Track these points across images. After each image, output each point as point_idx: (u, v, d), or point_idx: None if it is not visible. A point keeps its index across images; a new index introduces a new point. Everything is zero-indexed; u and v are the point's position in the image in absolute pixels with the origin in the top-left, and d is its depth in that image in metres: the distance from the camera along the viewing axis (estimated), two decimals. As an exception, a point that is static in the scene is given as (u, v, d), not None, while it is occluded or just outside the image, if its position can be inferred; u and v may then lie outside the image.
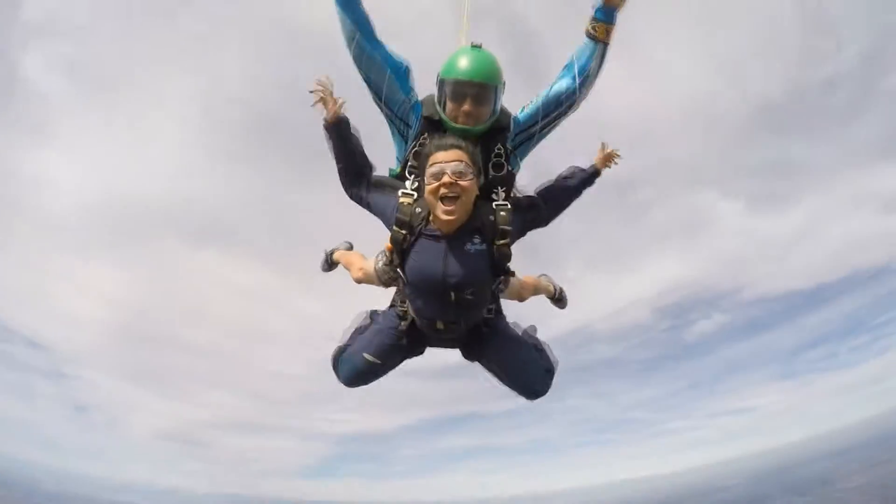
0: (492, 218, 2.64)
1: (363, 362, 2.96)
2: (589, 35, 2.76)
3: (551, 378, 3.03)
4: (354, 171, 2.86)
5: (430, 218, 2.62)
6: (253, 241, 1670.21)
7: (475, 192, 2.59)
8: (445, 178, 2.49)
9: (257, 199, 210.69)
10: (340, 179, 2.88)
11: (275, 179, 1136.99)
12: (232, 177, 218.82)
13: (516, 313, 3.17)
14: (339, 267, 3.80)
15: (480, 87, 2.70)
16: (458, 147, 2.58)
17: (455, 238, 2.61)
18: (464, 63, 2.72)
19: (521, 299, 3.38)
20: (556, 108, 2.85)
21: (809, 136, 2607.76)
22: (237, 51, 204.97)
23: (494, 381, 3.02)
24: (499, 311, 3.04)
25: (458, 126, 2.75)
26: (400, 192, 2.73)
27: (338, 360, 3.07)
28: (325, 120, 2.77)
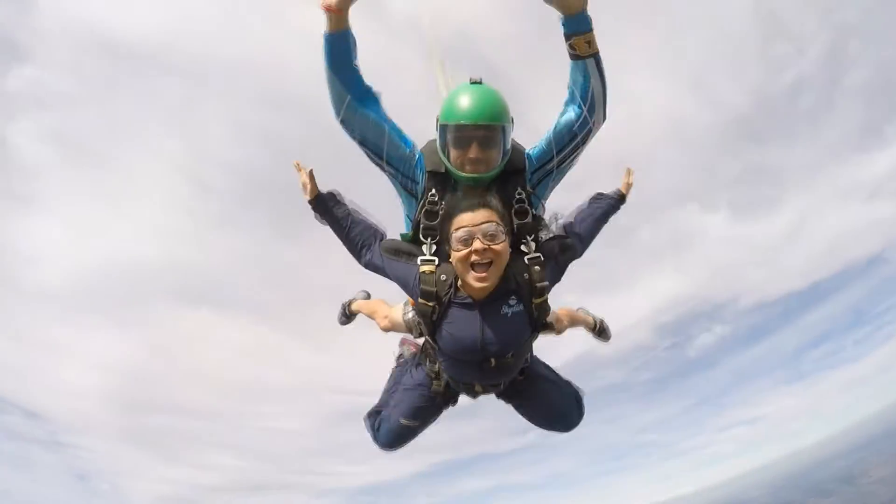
0: (526, 276, 2.42)
1: (399, 426, 2.86)
2: (572, 56, 2.33)
3: (583, 407, 2.96)
4: (360, 243, 2.68)
5: (459, 284, 2.41)
6: (246, 300, 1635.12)
7: (508, 254, 2.36)
8: (477, 245, 2.25)
9: (248, 258, 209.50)
10: (350, 253, 2.74)
11: (264, 237, 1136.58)
12: (222, 237, 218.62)
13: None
14: (357, 319, 3.63)
15: (486, 130, 2.41)
16: (487, 206, 2.34)
17: (489, 303, 2.40)
18: (464, 104, 2.42)
19: (558, 333, 3.20)
20: (571, 140, 2.52)
21: (784, 139, 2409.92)
22: (221, 113, 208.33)
23: (524, 419, 2.95)
24: (533, 357, 2.86)
25: (466, 175, 2.47)
26: (419, 261, 2.48)
27: (373, 424, 2.97)
28: (307, 201, 2.68)
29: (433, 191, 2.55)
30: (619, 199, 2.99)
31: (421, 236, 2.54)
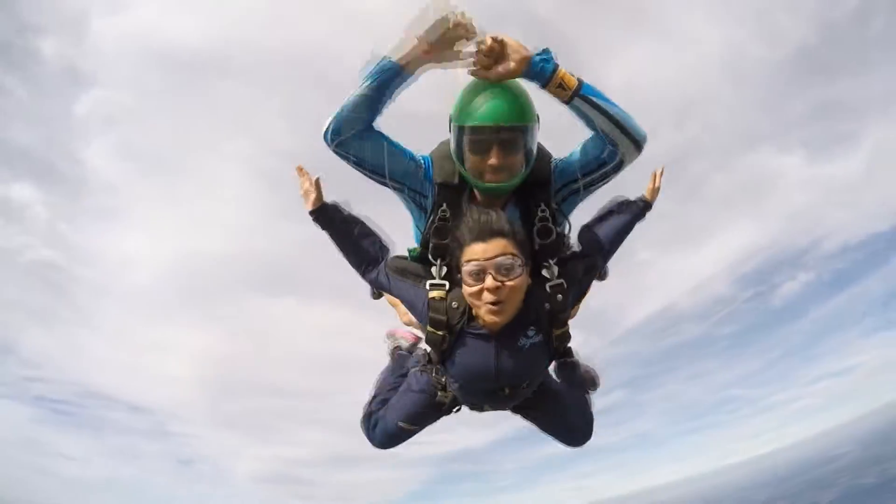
0: (547, 305, 2.21)
1: (397, 429, 2.77)
2: (561, 101, 2.12)
3: (592, 426, 2.85)
4: (364, 259, 2.49)
5: (473, 312, 2.18)
6: (322, 282, 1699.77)
7: (525, 286, 2.13)
8: (489, 282, 2.01)
9: (320, 244, 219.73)
10: (353, 269, 2.53)
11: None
12: (293, 227, 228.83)
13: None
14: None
15: (510, 132, 2.11)
16: (501, 234, 2.06)
17: (506, 334, 2.19)
18: (483, 102, 2.11)
19: None
20: (600, 168, 2.27)
21: (855, 69, 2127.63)
22: (279, 107, 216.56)
23: (534, 427, 2.85)
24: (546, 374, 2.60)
25: (486, 185, 2.20)
26: (428, 285, 2.27)
27: (368, 424, 2.88)
28: (309, 211, 2.46)
29: (444, 205, 2.31)
30: (644, 207, 2.66)
31: (430, 255, 2.32)
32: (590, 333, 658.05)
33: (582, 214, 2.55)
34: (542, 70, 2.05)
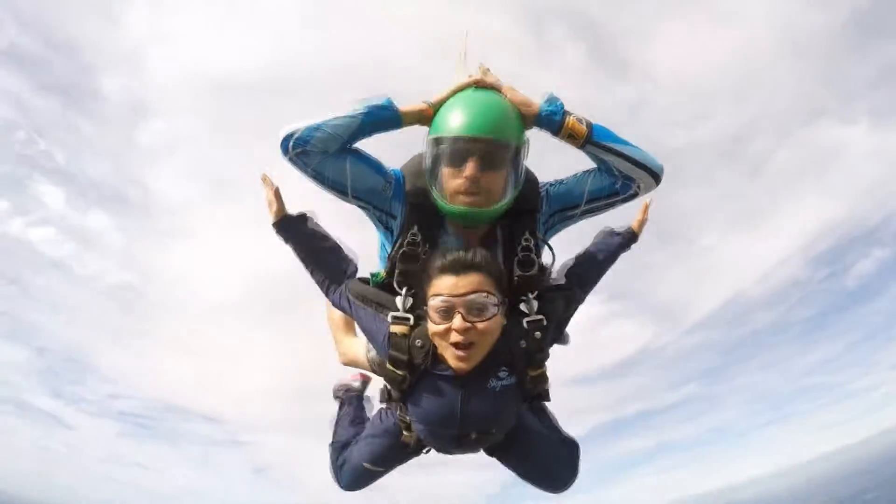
0: (523, 343, 1.94)
1: (362, 471, 2.49)
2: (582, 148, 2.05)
3: (577, 465, 2.41)
4: (328, 277, 2.23)
5: (437, 351, 1.90)
6: None
7: (499, 328, 1.88)
8: (458, 322, 1.77)
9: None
10: (317, 287, 2.28)
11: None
12: (357, 235, 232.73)
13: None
14: None
15: (490, 145, 1.89)
16: (476, 268, 1.82)
17: (474, 376, 1.91)
18: (463, 112, 1.91)
19: None
20: (610, 197, 2.13)
21: None
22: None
23: (514, 475, 2.47)
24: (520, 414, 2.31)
25: (456, 208, 1.94)
26: (390, 318, 1.97)
27: (335, 459, 2.62)
28: (272, 223, 2.24)
29: (415, 227, 2.05)
30: (629, 238, 2.48)
31: (395, 284, 2.03)
32: (660, 326, 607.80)
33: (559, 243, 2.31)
34: (551, 122, 1.99)
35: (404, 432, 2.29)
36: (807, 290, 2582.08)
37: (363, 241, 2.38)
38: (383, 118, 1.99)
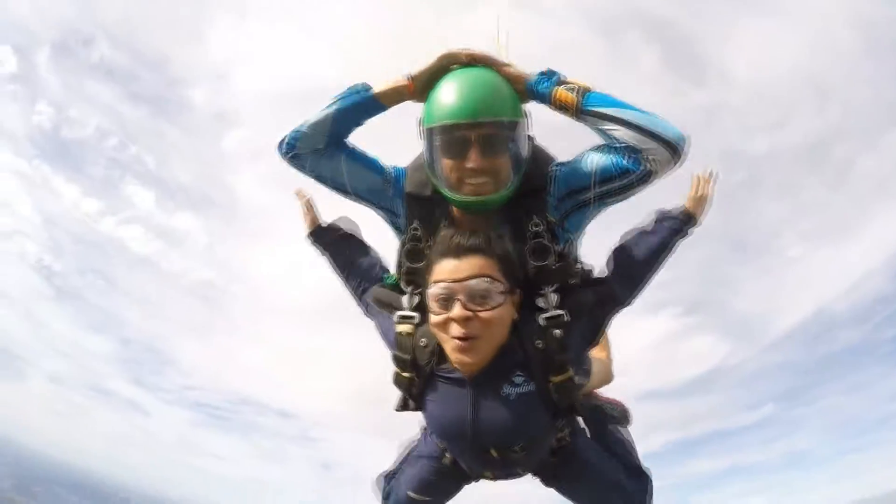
0: (539, 343, 1.69)
1: (407, 500, 2.24)
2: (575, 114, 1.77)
3: (644, 499, 2.17)
4: (358, 286, 2.13)
5: (445, 353, 1.71)
6: None
7: (508, 320, 1.68)
8: (457, 311, 1.57)
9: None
10: (350, 294, 2.20)
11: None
12: None
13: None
14: None
15: (489, 128, 1.71)
16: (478, 251, 1.63)
17: (485, 380, 1.71)
18: (454, 97, 1.73)
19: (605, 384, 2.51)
20: (622, 177, 1.76)
21: None
22: (402, 127, 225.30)
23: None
24: (575, 432, 2.12)
25: (467, 198, 1.78)
26: (396, 317, 1.85)
27: (384, 489, 2.36)
28: (306, 235, 2.25)
29: (415, 222, 1.94)
30: (684, 221, 2.05)
31: (402, 282, 1.93)
32: (738, 342, 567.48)
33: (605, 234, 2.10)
34: (539, 93, 1.78)
35: (446, 454, 2.10)
36: (895, 306, 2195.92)
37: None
38: (359, 102, 1.88)
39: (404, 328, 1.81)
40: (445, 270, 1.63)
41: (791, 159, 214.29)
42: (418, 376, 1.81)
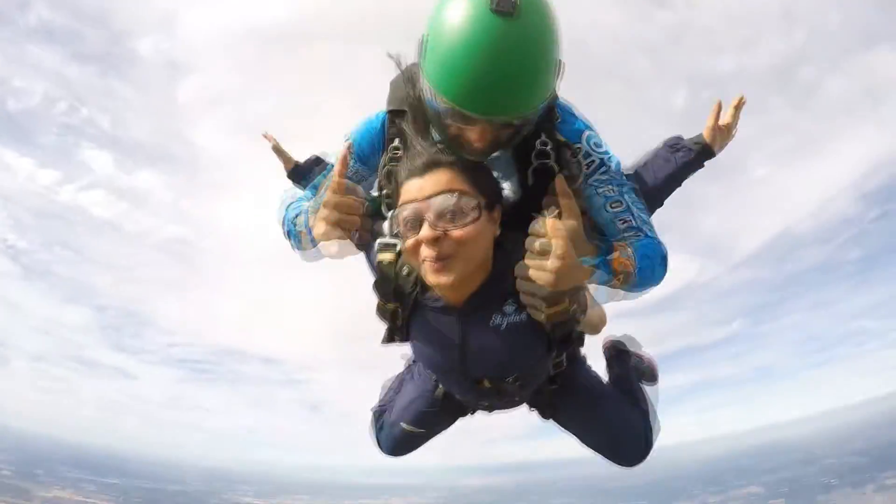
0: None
1: (402, 433, 2.26)
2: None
3: (648, 448, 2.13)
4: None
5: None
6: None
7: (486, 238, 1.54)
8: (425, 231, 1.46)
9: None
10: None
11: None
12: None
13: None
14: None
15: (505, 125, 1.46)
16: (444, 164, 1.51)
17: (472, 309, 1.65)
18: (481, 70, 1.31)
19: (595, 332, 2.30)
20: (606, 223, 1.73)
21: None
22: (376, 60, 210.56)
23: (576, 441, 2.19)
24: (573, 360, 2.06)
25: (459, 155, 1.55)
26: (377, 243, 1.68)
27: (375, 429, 2.37)
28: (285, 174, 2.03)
29: (396, 140, 1.71)
30: (700, 153, 1.96)
31: (383, 206, 1.72)
32: (706, 259, 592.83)
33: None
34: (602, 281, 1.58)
35: (438, 385, 2.09)
36: (859, 227, 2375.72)
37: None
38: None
39: (385, 256, 1.68)
40: (411, 191, 1.52)
41: (758, 80, 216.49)
42: (402, 307, 1.73)
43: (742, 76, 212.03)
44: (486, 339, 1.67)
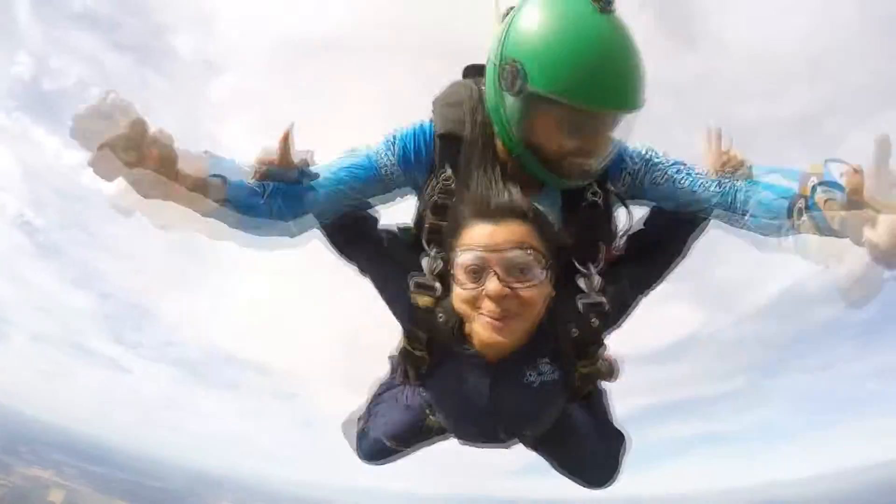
0: (575, 330, 1.47)
1: (382, 446, 2.17)
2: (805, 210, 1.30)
3: (618, 467, 2.05)
4: (343, 225, 1.70)
5: (466, 330, 1.47)
6: None
7: (546, 299, 1.41)
8: (492, 286, 1.30)
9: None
10: (325, 236, 1.74)
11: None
12: None
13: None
14: None
15: (621, 119, 1.42)
16: (521, 216, 1.35)
17: (509, 364, 1.51)
18: (592, 66, 1.31)
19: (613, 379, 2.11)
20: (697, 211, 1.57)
21: None
22: (407, 71, 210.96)
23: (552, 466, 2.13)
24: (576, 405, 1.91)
25: (559, 180, 1.50)
26: (413, 284, 1.50)
27: (358, 432, 2.25)
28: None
29: (447, 168, 1.54)
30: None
31: (424, 240, 1.55)
32: (713, 311, 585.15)
33: None
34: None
35: (430, 416, 1.94)
36: None
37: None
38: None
39: (424, 300, 1.50)
40: (480, 235, 1.34)
41: (783, 131, 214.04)
42: (430, 355, 1.58)
43: (767, 126, 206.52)
44: (517, 396, 1.55)
